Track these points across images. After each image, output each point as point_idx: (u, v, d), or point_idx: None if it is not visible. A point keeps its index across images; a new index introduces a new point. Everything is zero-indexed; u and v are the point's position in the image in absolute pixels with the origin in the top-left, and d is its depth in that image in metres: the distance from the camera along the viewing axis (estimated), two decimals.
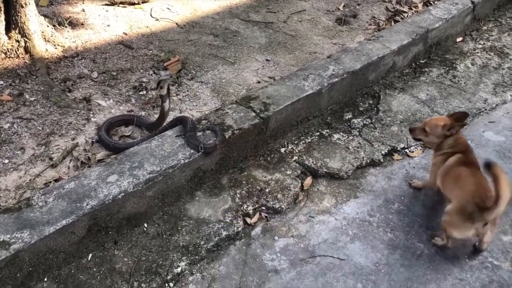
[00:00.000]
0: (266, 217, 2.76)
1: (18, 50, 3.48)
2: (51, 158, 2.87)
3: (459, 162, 2.60)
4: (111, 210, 2.39)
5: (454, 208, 2.49)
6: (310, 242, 2.63)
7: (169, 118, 3.14)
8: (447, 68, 4.16)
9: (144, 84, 3.56)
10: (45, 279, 2.28)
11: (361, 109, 3.61)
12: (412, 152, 3.26)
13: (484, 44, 4.56)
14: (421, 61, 4.23)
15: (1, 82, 3.33)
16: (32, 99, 3.27)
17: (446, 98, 3.78)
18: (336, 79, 3.41)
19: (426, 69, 4.14)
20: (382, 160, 3.18)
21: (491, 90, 3.92)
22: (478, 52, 4.42)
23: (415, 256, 2.58)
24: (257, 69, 3.89)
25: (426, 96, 3.80)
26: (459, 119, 2.68)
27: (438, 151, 2.76)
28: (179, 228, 2.60)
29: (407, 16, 4.62)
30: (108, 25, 4.19)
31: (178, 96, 3.52)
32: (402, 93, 3.82)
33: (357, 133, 3.37)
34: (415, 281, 2.45)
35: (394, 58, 3.90)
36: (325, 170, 3.04)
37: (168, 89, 2.99)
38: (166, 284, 2.35)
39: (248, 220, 2.71)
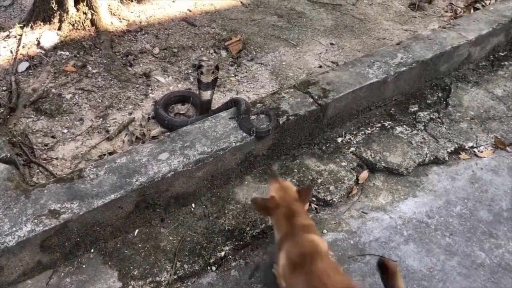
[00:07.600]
0: (316, 208, 2.65)
1: (84, 22, 3.55)
2: (107, 131, 2.91)
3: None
4: (159, 187, 2.38)
5: None
6: (360, 239, 2.49)
7: (225, 99, 3.09)
8: None
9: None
10: (92, 250, 2.32)
11: (428, 101, 3.37)
12: (481, 152, 3.01)
13: None
14: (501, 53, 3.88)
15: (67, 53, 3.41)
16: (94, 71, 3.33)
17: None
18: (404, 68, 3.19)
19: (506, 63, 3.79)
20: (447, 158, 2.96)
21: None
22: None
23: (474, 265, 2.38)
24: (320, 53, 3.73)
25: (503, 92, 3.48)
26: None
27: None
28: (226, 212, 2.55)
29: (489, 4, 4.25)
30: (173, 1, 4.17)
31: (236, 77, 3.46)
32: (475, 87, 3.52)
33: (422, 128, 3.14)
34: None
35: (470, 49, 3.59)
36: (383, 164, 2.87)
37: (215, 80, 2.87)
38: (209, 267, 2.31)
39: None
